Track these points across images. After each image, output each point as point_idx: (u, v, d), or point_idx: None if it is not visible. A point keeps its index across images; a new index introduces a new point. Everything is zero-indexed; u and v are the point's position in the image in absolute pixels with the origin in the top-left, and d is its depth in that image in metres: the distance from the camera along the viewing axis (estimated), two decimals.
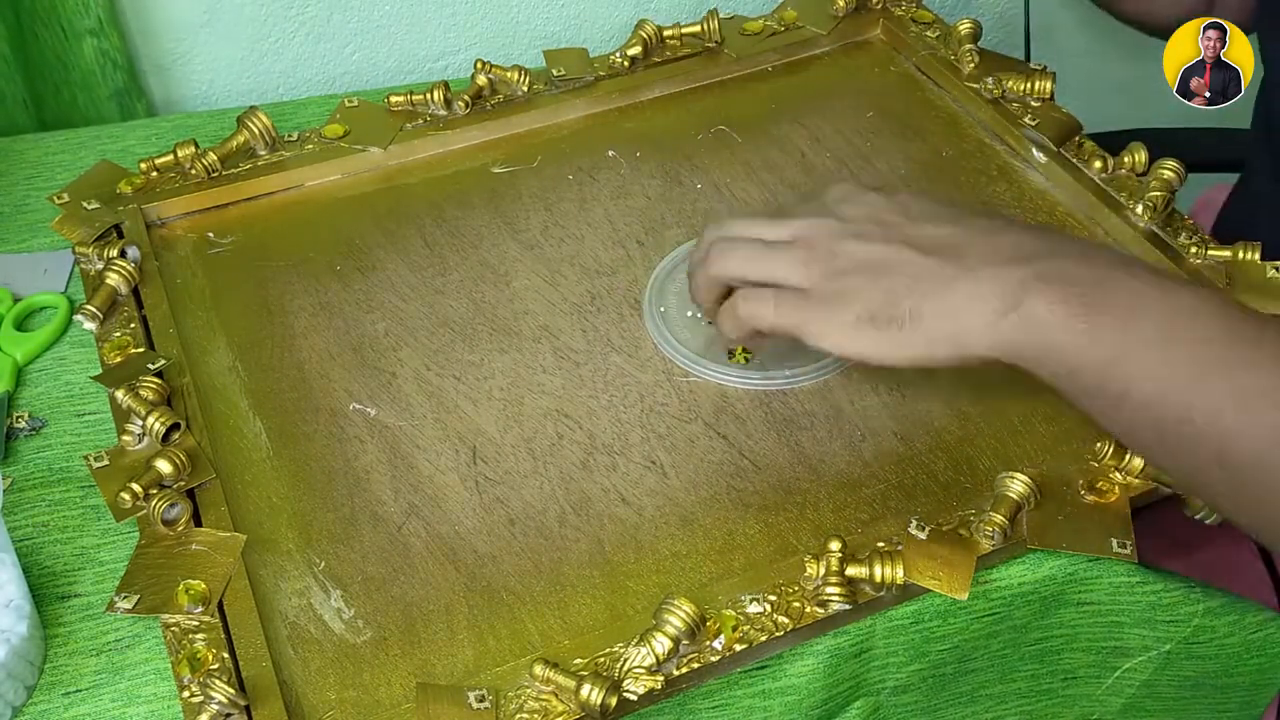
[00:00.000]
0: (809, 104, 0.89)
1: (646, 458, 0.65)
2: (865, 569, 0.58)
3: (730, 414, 0.68)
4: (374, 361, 0.70)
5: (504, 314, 0.73)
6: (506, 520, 0.62)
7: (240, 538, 0.59)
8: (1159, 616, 0.63)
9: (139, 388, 0.64)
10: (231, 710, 0.52)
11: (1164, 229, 0.76)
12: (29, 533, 0.62)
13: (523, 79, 0.86)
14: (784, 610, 0.57)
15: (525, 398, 0.68)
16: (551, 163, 0.84)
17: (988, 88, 0.86)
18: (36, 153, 0.86)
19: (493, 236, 0.78)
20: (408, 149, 0.83)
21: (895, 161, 0.84)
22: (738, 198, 0.81)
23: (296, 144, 0.82)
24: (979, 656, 0.63)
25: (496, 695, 0.53)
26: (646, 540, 0.61)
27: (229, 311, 0.73)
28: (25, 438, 0.67)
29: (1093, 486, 0.62)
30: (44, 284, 0.75)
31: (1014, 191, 0.81)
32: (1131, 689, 0.67)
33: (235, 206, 0.80)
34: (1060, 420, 0.67)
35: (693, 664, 0.55)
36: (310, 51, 0.98)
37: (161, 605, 0.56)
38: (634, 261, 0.77)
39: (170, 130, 0.88)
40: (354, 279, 0.75)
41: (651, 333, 0.72)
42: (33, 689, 0.56)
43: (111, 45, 0.88)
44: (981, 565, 0.59)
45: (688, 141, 0.86)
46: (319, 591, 0.59)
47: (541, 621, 0.58)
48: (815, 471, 0.65)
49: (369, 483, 0.64)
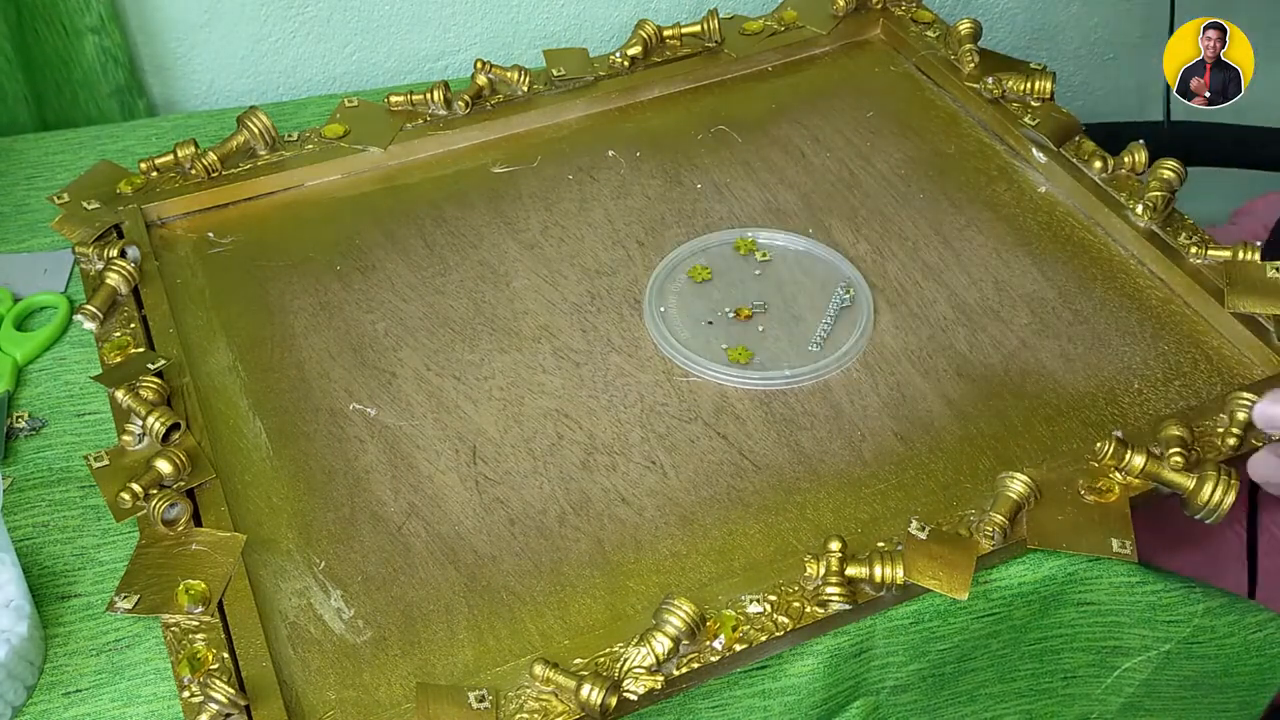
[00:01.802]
0: (809, 104, 0.89)
1: (646, 458, 0.65)
2: (865, 569, 0.58)
3: (730, 414, 0.68)
4: (374, 361, 0.70)
5: (504, 314, 0.73)
6: (506, 520, 0.62)
7: (240, 538, 0.59)
8: (1159, 616, 0.63)
9: (139, 388, 0.64)
10: (231, 710, 0.52)
11: (1164, 229, 0.76)
12: (29, 533, 0.62)
13: (523, 79, 0.86)
14: (784, 610, 0.57)
15: (525, 398, 0.68)
16: (551, 163, 0.84)
17: (988, 87, 0.86)
18: (37, 152, 0.86)
19: (493, 236, 0.78)
20: (408, 149, 0.83)
21: (895, 161, 0.84)
22: (737, 198, 0.81)
23: (296, 144, 0.82)
24: (979, 656, 0.63)
25: (496, 695, 0.53)
26: (646, 540, 0.61)
27: (229, 311, 0.73)
28: (25, 438, 0.67)
29: (1093, 486, 0.62)
30: (44, 284, 0.76)
31: (1014, 191, 0.81)
32: (1131, 688, 0.67)
33: (235, 206, 0.80)
34: (1060, 420, 0.67)
35: (693, 664, 0.55)
36: (310, 51, 0.98)
37: (161, 605, 0.56)
38: (634, 261, 0.77)
39: (170, 130, 0.88)
40: (354, 279, 0.75)
41: (651, 333, 0.72)
42: (33, 689, 0.56)
43: (113, 43, 0.88)
44: (981, 565, 0.59)
45: (688, 141, 0.86)
46: (319, 591, 0.59)
47: (541, 621, 0.58)
48: (815, 471, 0.65)
49: (369, 483, 0.64)
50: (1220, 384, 0.69)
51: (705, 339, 0.71)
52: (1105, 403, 0.68)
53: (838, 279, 0.75)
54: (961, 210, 0.80)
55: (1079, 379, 0.69)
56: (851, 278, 0.75)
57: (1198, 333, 0.72)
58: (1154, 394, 0.69)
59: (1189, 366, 0.70)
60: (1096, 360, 0.70)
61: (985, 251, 0.78)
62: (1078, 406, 0.68)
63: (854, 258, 0.77)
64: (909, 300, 0.74)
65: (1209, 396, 0.68)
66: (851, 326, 0.72)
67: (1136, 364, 0.70)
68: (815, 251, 0.77)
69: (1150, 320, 0.73)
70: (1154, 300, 0.74)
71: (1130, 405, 0.68)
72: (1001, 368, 0.70)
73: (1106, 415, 0.67)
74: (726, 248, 0.78)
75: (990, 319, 0.73)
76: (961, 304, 0.74)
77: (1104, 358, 0.71)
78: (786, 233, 0.78)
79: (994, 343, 0.72)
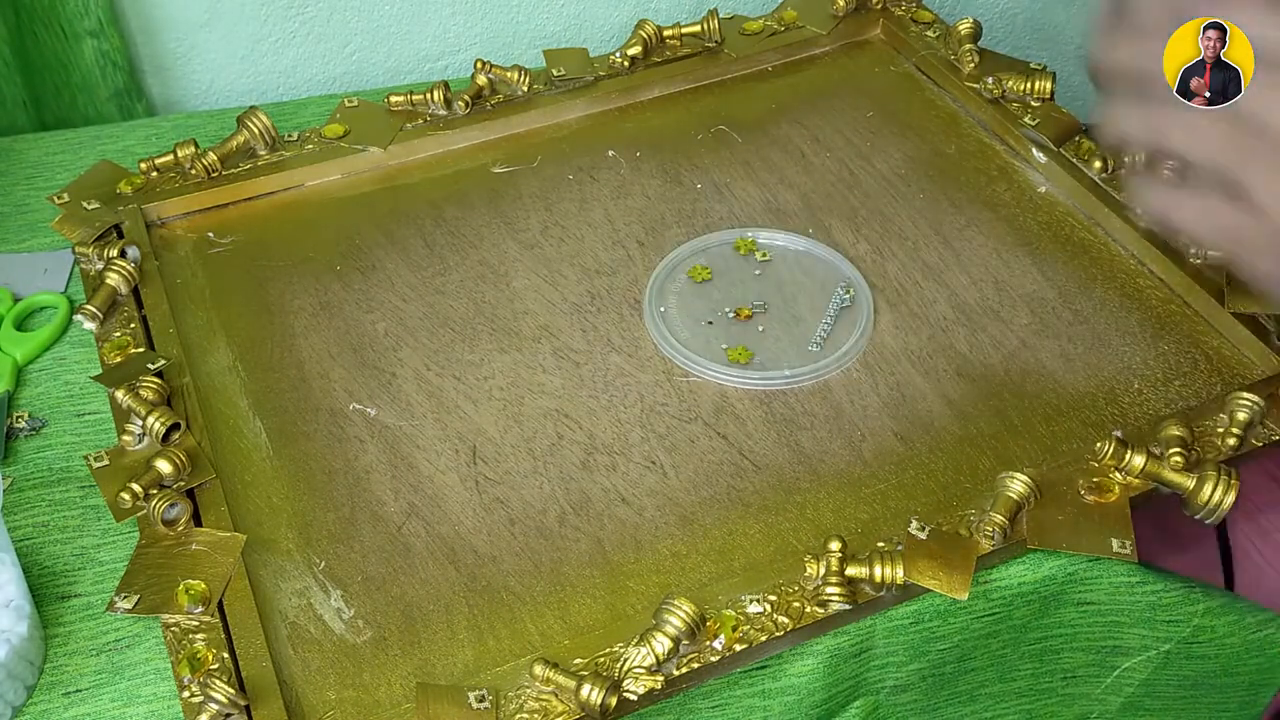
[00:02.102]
0: (809, 104, 0.89)
1: (646, 458, 0.65)
2: (865, 569, 0.58)
3: (730, 414, 0.68)
4: (374, 361, 0.70)
5: (504, 314, 0.73)
6: (506, 520, 0.62)
7: (240, 537, 0.59)
8: (1159, 616, 0.63)
9: (139, 388, 0.64)
10: (231, 710, 0.52)
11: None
12: (29, 533, 0.62)
13: (523, 79, 0.86)
14: (784, 610, 0.57)
15: (525, 398, 0.68)
16: (551, 163, 0.84)
17: (988, 87, 0.86)
18: (36, 153, 0.86)
19: (493, 236, 0.78)
20: (408, 149, 0.83)
21: (895, 161, 0.84)
22: (738, 198, 0.81)
23: (296, 144, 0.82)
24: (979, 656, 0.63)
25: (496, 695, 0.53)
26: (646, 540, 0.61)
27: (229, 311, 0.73)
28: (25, 438, 0.67)
29: (1093, 486, 0.62)
30: (44, 284, 0.76)
31: (1014, 191, 0.82)
32: (1131, 688, 0.67)
33: (235, 206, 0.80)
34: (1060, 420, 0.67)
35: (693, 664, 0.55)
36: (310, 51, 0.98)
37: (161, 605, 0.56)
38: (634, 261, 0.77)
39: (170, 130, 0.88)
40: (354, 279, 0.75)
41: (651, 333, 0.72)
42: (33, 689, 0.56)
43: (111, 46, 0.88)
44: (981, 565, 0.59)
45: (688, 141, 0.86)
46: (319, 591, 0.59)
47: (541, 621, 0.58)
48: (815, 471, 0.65)
49: (369, 483, 0.64)
50: (1220, 384, 0.69)
51: (705, 339, 0.71)
52: (1105, 403, 0.68)
53: (838, 279, 0.75)
54: (961, 210, 0.80)
55: (1079, 379, 0.69)
56: (851, 278, 0.75)
57: (1198, 333, 0.72)
58: (1154, 394, 0.69)
59: (1189, 366, 0.70)
60: (1096, 360, 0.71)
61: (985, 251, 0.78)
62: (1078, 406, 0.68)
63: (854, 258, 0.77)
64: (909, 300, 0.74)
65: (1209, 396, 0.68)
66: (851, 326, 0.72)
67: (1136, 364, 0.70)
68: (815, 251, 0.77)
69: (1150, 320, 0.73)
70: (1154, 300, 0.74)
71: (1130, 405, 0.68)
72: (1001, 368, 0.70)
73: (1106, 415, 0.67)
74: (726, 248, 0.78)
75: (990, 319, 0.73)
76: (961, 304, 0.74)
77: (1104, 358, 0.71)
78: (786, 233, 0.78)
79: (994, 343, 0.72)
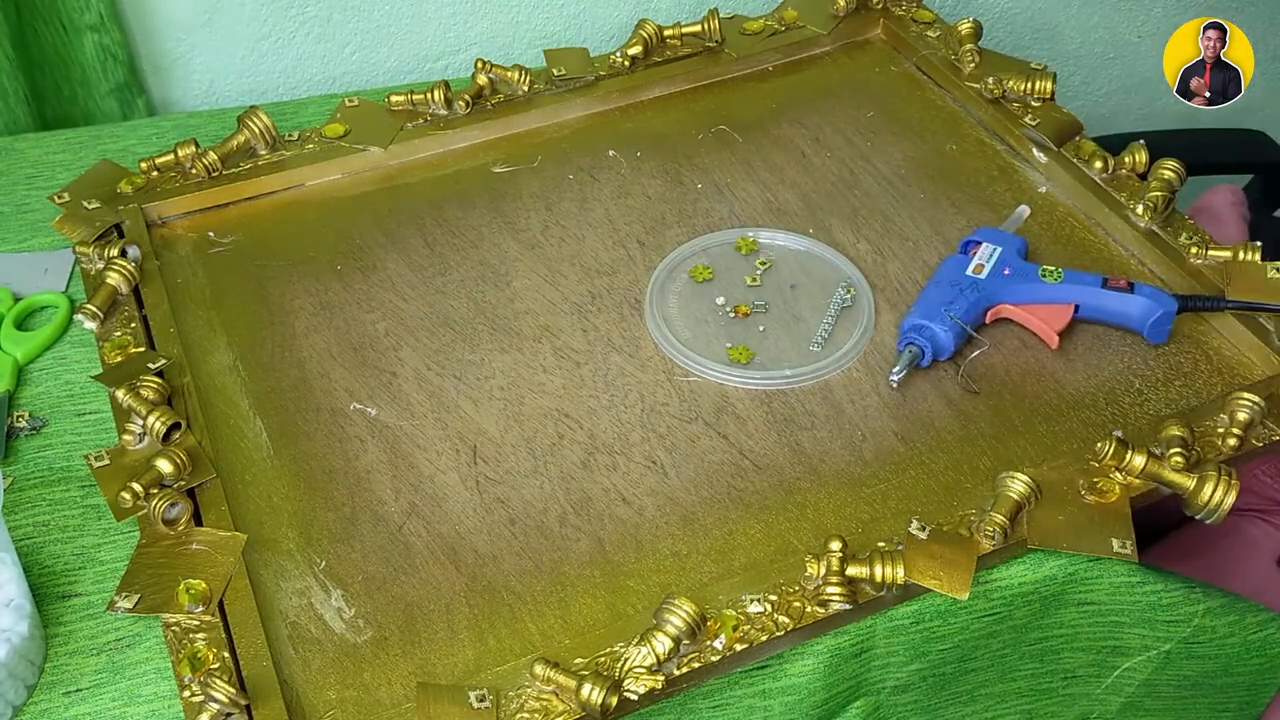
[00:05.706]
0: (809, 104, 0.89)
1: (647, 457, 0.65)
2: (865, 569, 0.58)
3: (730, 414, 0.68)
4: (374, 361, 0.70)
5: (504, 314, 0.73)
6: (507, 520, 0.62)
7: (241, 537, 0.59)
8: (1159, 616, 0.63)
9: (139, 387, 0.64)
10: (232, 710, 0.52)
11: (1164, 229, 0.76)
12: (29, 532, 0.62)
13: (523, 79, 0.86)
14: (784, 610, 0.57)
15: (525, 397, 0.68)
16: (552, 163, 0.84)
17: (988, 88, 0.86)
18: (37, 152, 0.86)
19: (493, 236, 0.78)
20: (408, 149, 0.83)
21: (896, 161, 0.84)
22: (738, 198, 0.81)
23: (297, 144, 0.82)
24: (979, 656, 0.64)
25: (497, 695, 0.53)
26: (647, 540, 0.61)
27: (229, 311, 0.73)
28: (25, 437, 0.67)
29: (1093, 486, 0.62)
30: (44, 283, 0.75)
31: (1014, 191, 0.82)
32: (1131, 688, 0.67)
33: (235, 206, 0.80)
34: (1060, 420, 0.67)
35: (693, 664, 0.55)
36: (310, 51, 0.98)
37: (162, 605, 0.56)
38: (634, 261, 0.77)
39: (171, 130, 0.88)
40: (354, 279, 0.75)
41: (652, 332, 0.72)
42: (33, 688, 0.56)
43: (112, 40, 0.88)
44: (982, 565, 0.59)
45: (688, 141, 0.86)
46: (319, 591, 0.59)
47: (542, 621, 0.58)
48: (815, 471, 0.65)
49: (369, 482, 0.64)
50: (1220, 384, 0.69)
51: (706, 339, 0.71)
52: (1105, 403, 0.68)
53: (838, 279, 0.75)
54: (962, 210, 0.80)
55: (1079, 379, 0.69)
56: (852, 277, 0.75)
57: (1198, 333, 0.72)
58: (1154, 394, 0.69)
59: (1189, 366, 0.70)
60: (1096, 360, 0.71)
61: None
62: (1078, 406, 0.68)
63: (854, 257, 0.77)
64: (909, 300, 0.74)
65: (1209, 396, 0.68)
66: (852, 326, 0.72)
67: (1136, 364, 0.70)
68: (816, 251, 0.77)
69: None
70: None
71: (1130, 405, 0.68)
72: (1001, 368, 0.70)
73: (1106, 415, 0.67)
74: (727, 247, 0.78)
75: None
76: None
77: (1104, 358, 0.71)
78: (787, 232, 0.78)
79: (994, 343, 0.72)
